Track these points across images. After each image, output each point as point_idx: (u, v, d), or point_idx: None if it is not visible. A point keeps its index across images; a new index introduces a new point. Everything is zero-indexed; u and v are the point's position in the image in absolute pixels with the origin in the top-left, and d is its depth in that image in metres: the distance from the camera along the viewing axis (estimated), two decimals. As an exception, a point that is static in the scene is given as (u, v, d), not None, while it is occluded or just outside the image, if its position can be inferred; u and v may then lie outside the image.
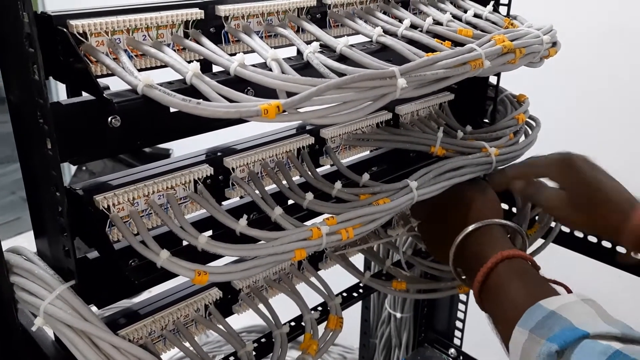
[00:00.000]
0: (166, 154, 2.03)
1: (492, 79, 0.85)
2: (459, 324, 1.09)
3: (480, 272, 0.60)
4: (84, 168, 2.41)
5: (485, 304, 0.61)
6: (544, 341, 0.47)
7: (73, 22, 0.46)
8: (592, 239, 0.84)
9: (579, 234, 0.86)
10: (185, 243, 0.57)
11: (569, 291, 0.57)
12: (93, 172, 2.37)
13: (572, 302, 0.51)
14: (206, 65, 0.54)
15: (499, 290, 0.58)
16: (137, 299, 0.65)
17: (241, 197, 0.65)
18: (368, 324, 1.25)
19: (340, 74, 0.52)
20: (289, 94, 0.48)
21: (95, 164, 2.37)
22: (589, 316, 0.48)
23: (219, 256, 0.58)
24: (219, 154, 0.62)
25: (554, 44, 0.72)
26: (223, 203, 0.62)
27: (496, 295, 0.58)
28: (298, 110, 0.48)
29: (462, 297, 1.07)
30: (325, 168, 0.72)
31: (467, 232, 0.66)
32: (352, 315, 0.70)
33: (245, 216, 0.56)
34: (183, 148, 0.64)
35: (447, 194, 0.70)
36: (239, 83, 0.50)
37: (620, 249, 0.80)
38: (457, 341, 1.10)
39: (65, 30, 0.45)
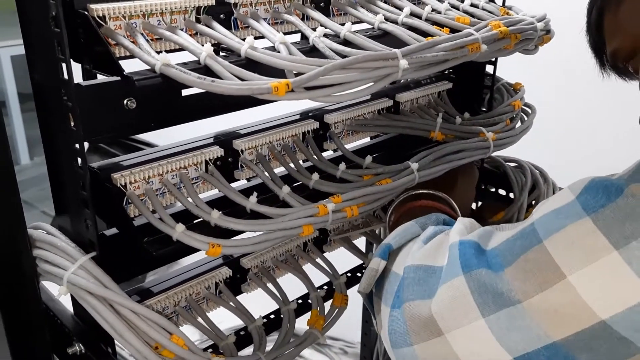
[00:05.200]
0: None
1: (489, 69, 0.88)
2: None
3: (397, 211, 0.65)
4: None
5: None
6: (439, 216, 0.59)
7: (93, 6, 0.48)
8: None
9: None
10: (196, 222, 0.60)
11: None
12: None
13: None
14: (215, 51, 0.57)
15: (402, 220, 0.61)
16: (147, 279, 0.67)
17: (248, 180, 0.68)
18: (369, 312, 1.28)
19: (345, 57, 0.55)
20: (297, 75, 0.51)
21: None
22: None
23: (230, 234, 0.60)
24: (222, 137, 0.65)
25: (548, 31, 0.75)
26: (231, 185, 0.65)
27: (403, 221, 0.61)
28: (305, 88, 0.51)
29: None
30: (328, 153, 0.75)
31: (412, 194, 0.68)
32: (353, 309, 0.73)
33: (255, 194, 0.58)
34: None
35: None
36: (249, 65, 0.52)
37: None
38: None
39: (86, 13, 0.47)
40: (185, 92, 0.55)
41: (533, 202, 0.89)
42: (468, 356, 0.44)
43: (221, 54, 0.59)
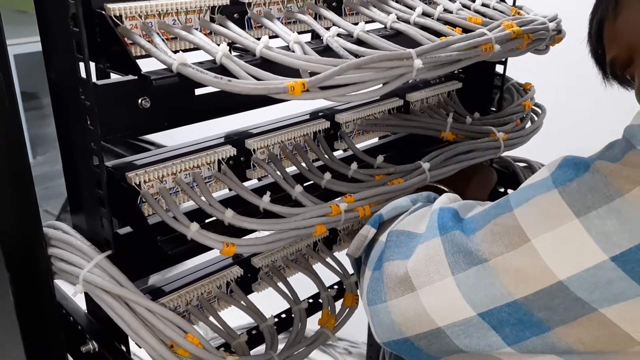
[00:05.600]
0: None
1: (499, 69, 0.88)
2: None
3: None
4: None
5: None
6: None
7: (110, 6, 0.48)
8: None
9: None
10: (208, 221, 0.60)
11: None
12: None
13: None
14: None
15: None
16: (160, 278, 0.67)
17: (259, 180, 0.68)
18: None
19: (358, 56, 0.55)
20: (312, 75, 0.51)
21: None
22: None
23: (241, 233, 0.61)
24: (235, 137, 0.65)
25: (559, 31, 0.75)
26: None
27: None
28: (320, 88, 0.51)
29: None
30: (339, 153, 0.75)
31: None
32: (357, 309, 0.73)
33: (268, 192, 0.58)
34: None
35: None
36: (264, 64, 0.52)
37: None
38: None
39: (103, 12, 0.47)
40: (197, 92, 0.56)
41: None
42: (436, 311, 0.47)
43: (233, 53, 0.59)
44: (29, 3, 0.50)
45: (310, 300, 0.72)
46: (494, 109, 0.90)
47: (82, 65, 0.45)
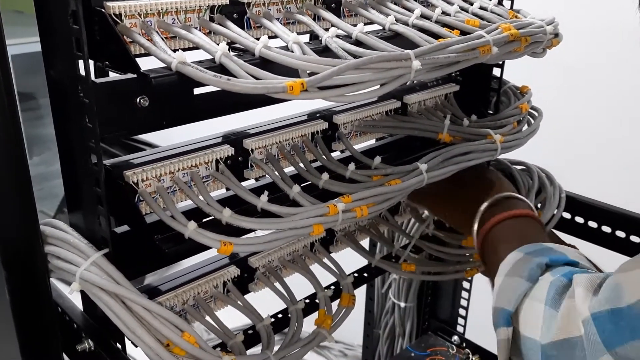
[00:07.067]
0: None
1: (496, 72, 0.89)
2: (462, 312, 1.12)
3: (489, 222, 0.67)
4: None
5: (485, 250, 0.67)
6: (537, 258, 0.56)
7: (110, 4, 0.48)
8: (593, 224, 0.88)
9: (579, 220, 0.89)
10: (205, 220, 0.60)
11: None
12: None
13: (568, 248, 0.59)
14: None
15: (504, 232, 0.65)
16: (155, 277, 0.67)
17: (257, 179, 0.68)
18: (372, 314, 1.28)
19: (357, 57, 0.55)
20: (311, 75, 0.51)
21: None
22: (579, 259, 0.57)
23: (239, 233, 0.60)
24: (233, 137, 0.65)
25: (556, 35, 0.75)
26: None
27: (498, 239, 0.64)
28: (319, 88, 0.51)
29: (466, 285, 1.10)
30: (336, 154, 0.75)
31: (494, 199, 0.73)
32: (353, 311, 0.72)
33: (266, 192, 0.58)
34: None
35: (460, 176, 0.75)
36: (263, 64, 0.53)
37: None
38: (460, 328, 1.13)
39: (103, 10, 0.48)
40: (196, 91, 0.56)
41: (539, 205, 0.89)
42: None
43: (232, 53, 0.59)
44: (26, 3, 0.50)
45: (307, 301, 0.72)
46: (491, 111, 0.90)
47: (81, 63, 0.45)
